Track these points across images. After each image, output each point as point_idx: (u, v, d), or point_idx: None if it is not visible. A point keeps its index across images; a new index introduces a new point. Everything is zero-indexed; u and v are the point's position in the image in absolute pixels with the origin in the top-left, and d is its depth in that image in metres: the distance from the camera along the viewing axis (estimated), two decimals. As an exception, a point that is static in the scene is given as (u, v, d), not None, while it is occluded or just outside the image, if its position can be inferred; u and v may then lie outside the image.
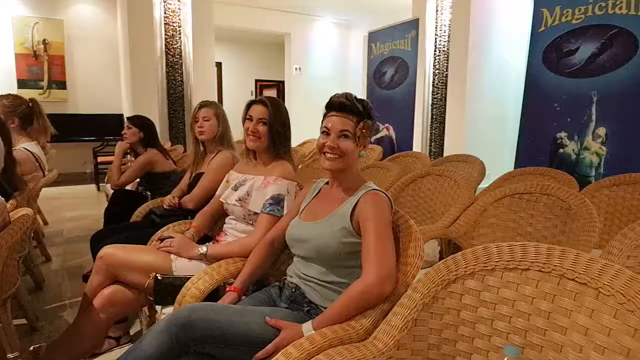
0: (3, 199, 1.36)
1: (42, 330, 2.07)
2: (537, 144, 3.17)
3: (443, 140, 5.59)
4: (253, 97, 2.04)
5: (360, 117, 1.21)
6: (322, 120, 1.24)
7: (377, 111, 5.99)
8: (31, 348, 1.62)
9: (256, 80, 10.78)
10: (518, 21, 4.68)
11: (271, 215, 1.52)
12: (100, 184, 5.68)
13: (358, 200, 1.21)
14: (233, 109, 2.30)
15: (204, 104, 2.23)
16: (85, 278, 2.46)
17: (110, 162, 5.70)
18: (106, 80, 6.60)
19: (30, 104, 2.37)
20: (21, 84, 6.00)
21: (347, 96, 1.21)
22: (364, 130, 1.21)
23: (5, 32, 5.86)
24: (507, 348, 0.77)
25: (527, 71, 3.26)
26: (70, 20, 6.29)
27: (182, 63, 5.58)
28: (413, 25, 5.04)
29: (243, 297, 1.33)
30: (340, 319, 1.06)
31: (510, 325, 0.93)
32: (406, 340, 0.98)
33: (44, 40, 6.11)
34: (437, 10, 5.44)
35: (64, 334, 1.59)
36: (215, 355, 1.07)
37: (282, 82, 10.14)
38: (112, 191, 3.03)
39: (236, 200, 1.63)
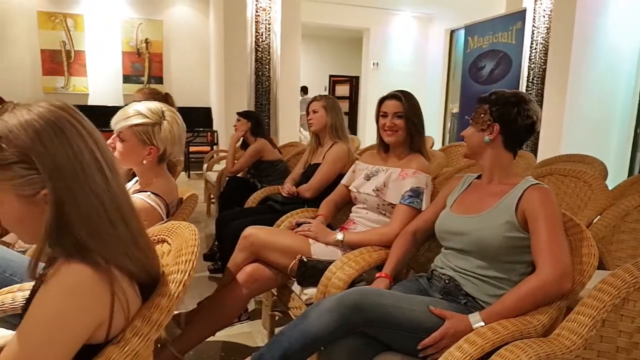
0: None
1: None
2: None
3: (537, 140, 5.27)
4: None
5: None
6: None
7: (473, 107, 5.78)
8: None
9: (330, 76, 10.89)
10: (633, 8, 4.26)
11: (410, 207, 1.54)
12: (191, 172, 6.07)
13: (522, 194, 1.19)
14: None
15: (314, 98, 2.37)
16: (207, 257, 2.65)
17: (200, 152, 6.12)
18: (197, 76, 7.03)
19: (166, 97, 2.57)
20: (125, 79, 6.57)
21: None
22: (482, 115, 1.27)
23: (115, 33, 6.46)
24: None
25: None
26: (168, 21, 6.78)
27: (269, 59, 5.80)
28: (519, 17, 4.77)
29: (392, 284, 1.36)
30: (513, 313, 1.05)
31: None
32: (593, 340, 0.95)
33: (146, 39, 6.64)
34: (535, 0, 5.13)
35: (205, 305, 1.70)
36: (380, 338, 1.11)
37: (356, 78, 10.13)
38: (215, 178, 3.36)
39: (372, 190, 1.66)
